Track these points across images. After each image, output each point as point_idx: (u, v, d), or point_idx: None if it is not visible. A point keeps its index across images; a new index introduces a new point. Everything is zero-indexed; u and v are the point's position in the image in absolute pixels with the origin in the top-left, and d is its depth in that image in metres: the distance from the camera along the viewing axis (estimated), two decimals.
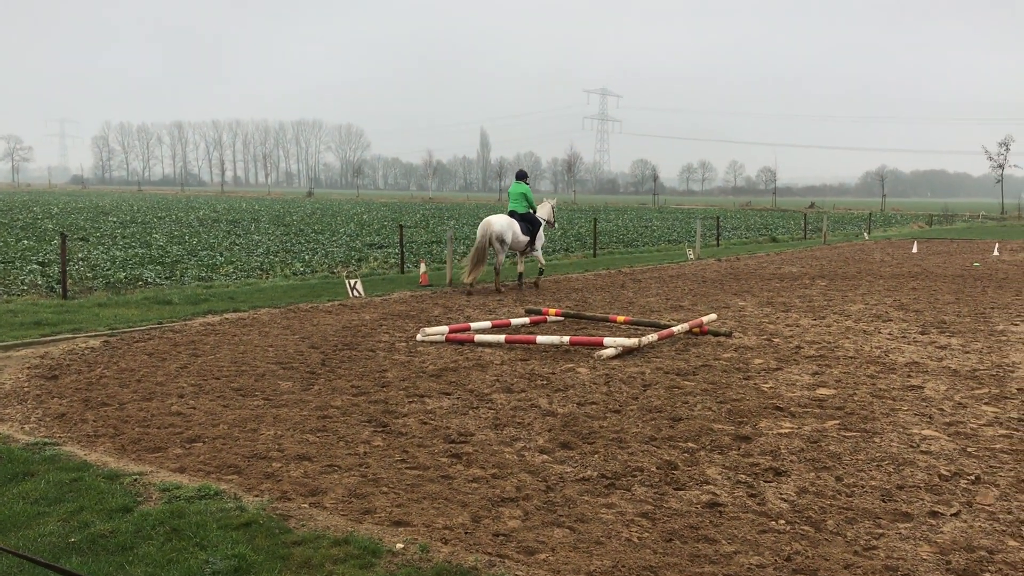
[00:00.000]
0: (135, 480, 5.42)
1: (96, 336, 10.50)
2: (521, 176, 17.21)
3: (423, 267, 16.91)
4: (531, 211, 16.71)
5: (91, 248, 23.83)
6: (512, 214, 16.42)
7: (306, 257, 22.57)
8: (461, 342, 10.38)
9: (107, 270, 18.18)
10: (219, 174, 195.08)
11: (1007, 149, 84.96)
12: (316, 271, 19.35)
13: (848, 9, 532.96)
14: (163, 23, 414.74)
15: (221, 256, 22.23)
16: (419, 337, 10.57)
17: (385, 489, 5.41)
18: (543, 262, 17.42)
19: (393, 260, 21.92)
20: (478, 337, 10.44)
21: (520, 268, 16.97)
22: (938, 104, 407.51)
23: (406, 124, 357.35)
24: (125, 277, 16.90)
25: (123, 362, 9.10)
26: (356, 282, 14.71)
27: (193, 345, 10.10)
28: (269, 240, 28.50)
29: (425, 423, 6.89)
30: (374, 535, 4.63)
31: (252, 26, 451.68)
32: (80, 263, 19.41)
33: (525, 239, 16.29)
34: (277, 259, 21.83)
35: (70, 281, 15.32)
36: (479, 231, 15.78)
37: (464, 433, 6.62)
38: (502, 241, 15.76)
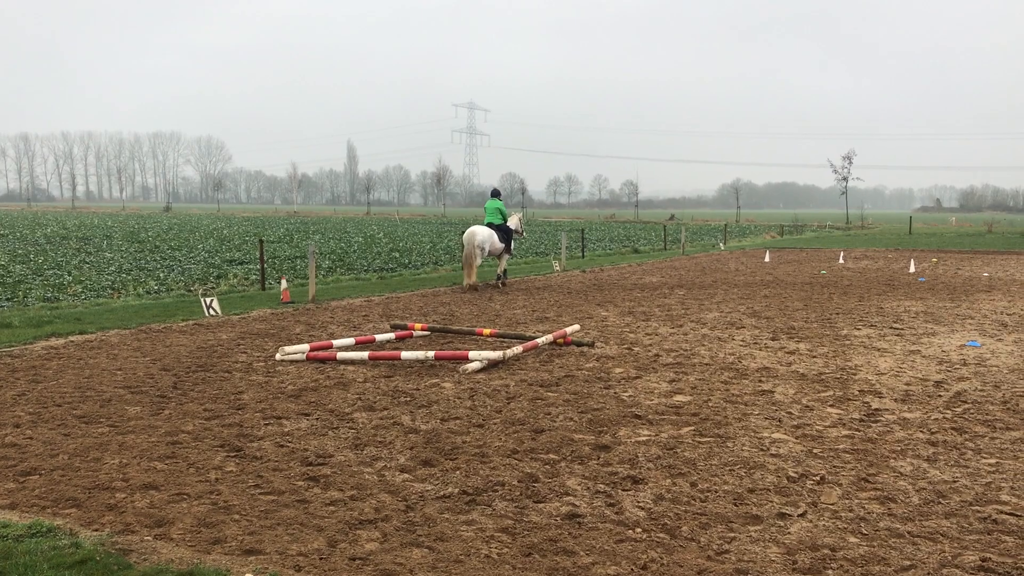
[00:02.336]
0: None
1: None
2: (495, 194, 20.41)
3: (284, 283, 16.47)
4: (504, 222, 19.85)
5: None
6: (490, 225, 19.52)
7: (161, 275, 21.66)
8: (323, 360, 10.14)
9: None
10: (70, 189, 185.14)
11: (850, 163, 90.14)
12: (172, 289, 18.56)
13: (702, 28, 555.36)
14: (4, 29, 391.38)
15: (69, 275, 21.06)
16: (278, 356, 10.26)
17: (237, 516, 5.18)
18: (502, 268, 20.14)
19: (254, 276, 21.29)
20: (341, 355, 10.22)
21: (500, 269, 19.96)
22: (788, 120, 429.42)
23: (269, 136, 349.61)
24: None
25: None
26: (212, 300, 14.19)
27: (33, 370, 9.49)
28: (122, 258, 27.22)
29: (281, 446, 6.67)
30: (222, 566, 4.43)
31: (102, 35, 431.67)
32: None
33: (501, 246, 19.49)
34: (130, 277, 20.86)
35: None
36: (465, 240, 18.70)
37: (322, 455, 6.44)
38: (483, 248, 18.70)
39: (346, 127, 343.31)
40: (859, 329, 13.06)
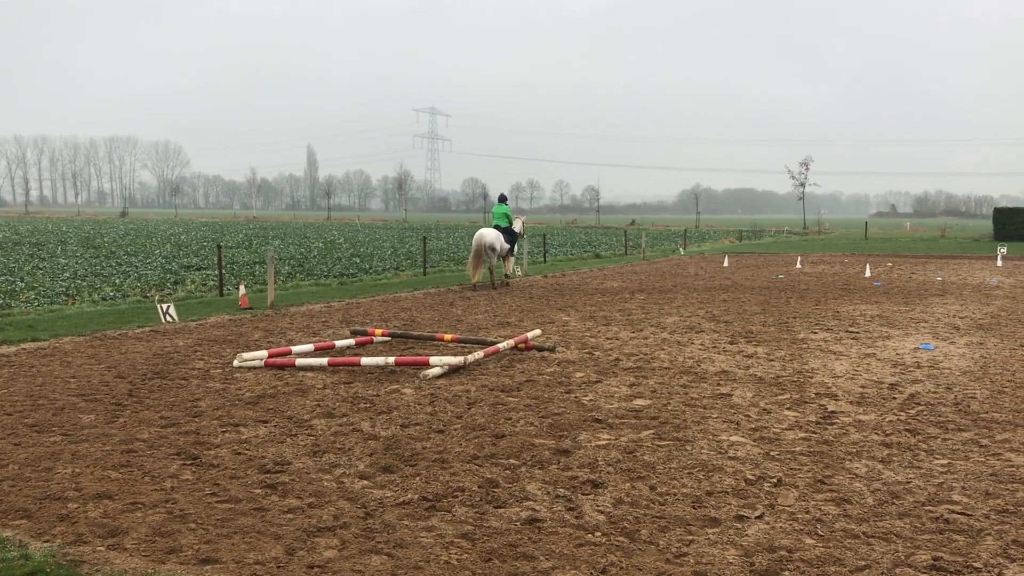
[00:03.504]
0: None
1: None
2: (502, 199, 22.06)
3: (242, 289, 16.30)
4: (510, 225, 21.37)
5: None
6: (497, 227, 21.04)
7: (117, 281, 21.33)
8: (281, 367, 10.05)
9: None
10: (23, 193, 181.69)
11: (807, 169, 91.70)
12: (128, 296, 18.28)
13: (661, 36, 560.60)
14: None
15: (22, 282, 20.66)
16: (236, 363, 10.15)
17: (193, 525, 5.11)
18: (510, 269, 22.04)
19: (212, 282, 21.05)
20: (299, 361, 10.14)
21: (506, 270, 21.73)
22: (746, 127, 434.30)
23: (228, 140, 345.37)
24: None
25: None
26: (169, 306, 14.00)
27: None
28: (77, 263, 26.76)
29: (239, 453, 6.60)
30: (177, 575, 4.37)
31: (56, 35, 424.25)
32: None
33: (507, 247, 20.99)
34: (85, 283, 20.51)
35: None
36: (474, 242, 19.92)
37: (280, 462, 6.38)
38: (492, 249, 20.03)
39: (306, 132, 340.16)
40: (816, 333, 13.24)
